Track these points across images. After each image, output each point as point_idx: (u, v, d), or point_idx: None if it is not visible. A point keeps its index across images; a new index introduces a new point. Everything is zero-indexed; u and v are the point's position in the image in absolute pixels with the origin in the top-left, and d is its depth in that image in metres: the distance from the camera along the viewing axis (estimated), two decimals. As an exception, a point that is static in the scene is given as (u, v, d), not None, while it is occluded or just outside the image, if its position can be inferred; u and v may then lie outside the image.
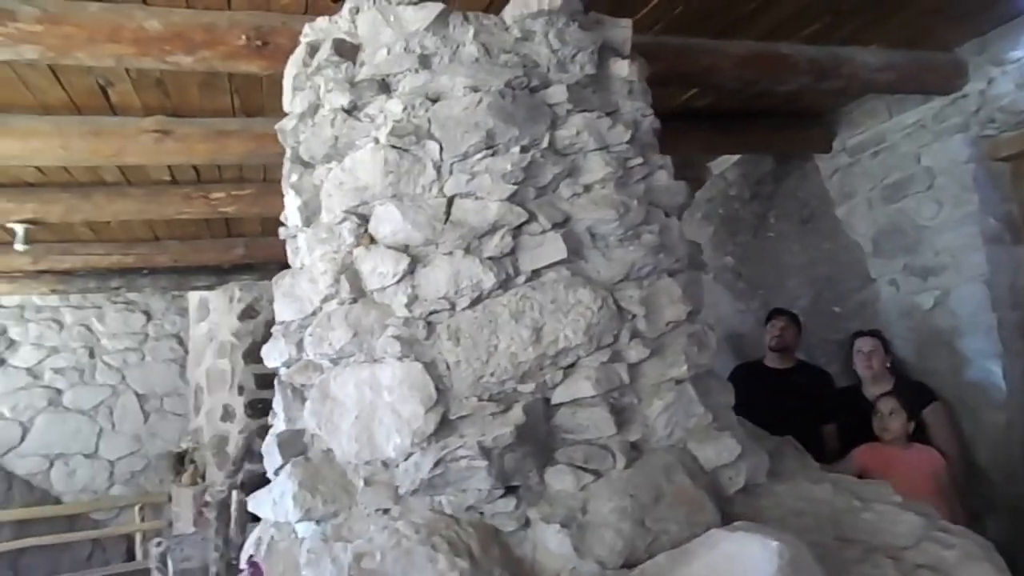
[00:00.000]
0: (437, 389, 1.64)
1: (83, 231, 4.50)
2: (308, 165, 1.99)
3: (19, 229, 3.79)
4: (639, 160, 1.98)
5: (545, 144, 1.84)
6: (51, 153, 2.93)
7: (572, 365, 1.74)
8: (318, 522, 1.66)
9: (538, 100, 1.86)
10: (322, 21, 2.02)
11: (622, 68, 2.05)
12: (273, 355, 1.94)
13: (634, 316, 1.82)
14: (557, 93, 1.88)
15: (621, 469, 1.69)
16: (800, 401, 3.54)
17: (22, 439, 5.45)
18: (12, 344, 5.48)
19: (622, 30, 2.11)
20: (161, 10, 2.22)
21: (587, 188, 1.89)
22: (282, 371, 1.91)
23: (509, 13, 1.93)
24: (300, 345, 1.84)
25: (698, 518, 1.65)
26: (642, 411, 1.79)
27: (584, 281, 1.77)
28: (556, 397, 1.72)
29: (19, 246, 3.86)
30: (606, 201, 1.85)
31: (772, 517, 1.80)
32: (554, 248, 1.76)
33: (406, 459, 1.60)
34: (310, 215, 1.94)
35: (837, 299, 4.02)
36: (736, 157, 4.64)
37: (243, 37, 2.26)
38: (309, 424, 1.76)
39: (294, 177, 1.99)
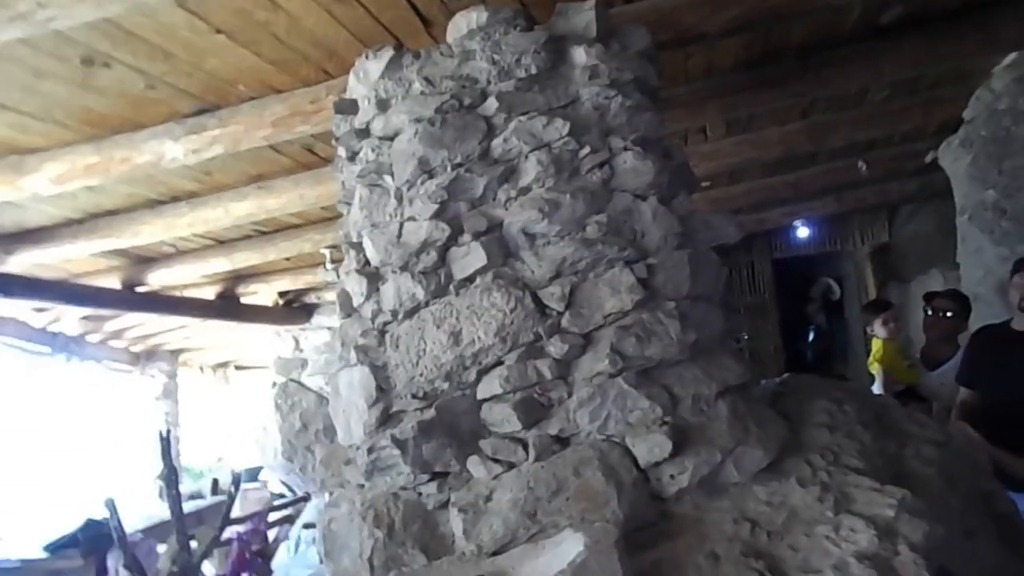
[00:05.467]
0: (381, 389, 1.97)
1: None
2: (348, 205, 2.45)
3: (327, 253, 5.08)
4: (587, 150, 1.95)
5: (477, 157, 1.98)
6: (294, 203, 3.97)
7: (497, 364, 1.87)
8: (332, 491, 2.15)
9: (472, 117, 2.00)
10: (352, 81, 2.45)
11: (580, 56, 2.02)
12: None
13: (558, 313, 1.85)
14: (490, 105, 1.99)
15: (531, 462, 1.77)
16: (1057, 372, 2.72)
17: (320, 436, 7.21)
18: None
19: (584, 15, 2.06)
20: (285, 94, 2.93)
21: (524, 190, 1.96)
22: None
23: (450, 38, 2.10)
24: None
25: (594, 514, 1.65)
26: (567, 405, 1.82)
27: (502, 284, 1.87)
28: (479, 393, 1.88)
29: (329, 265, 5.16)
30: (532, 202, 1.90)
31: (710, 521, 1.66)
32: (476, 256, 1.91)
33: (362, 446, 1.96)
34: (344, 249, 2.40)
35: None
36: (1010, 59, 3.57)
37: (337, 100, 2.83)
38: (331, 413, 2.24)
39: (344, 214, 2.48)
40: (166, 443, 1.86)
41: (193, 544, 4.48)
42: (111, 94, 2.82)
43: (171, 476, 1.85)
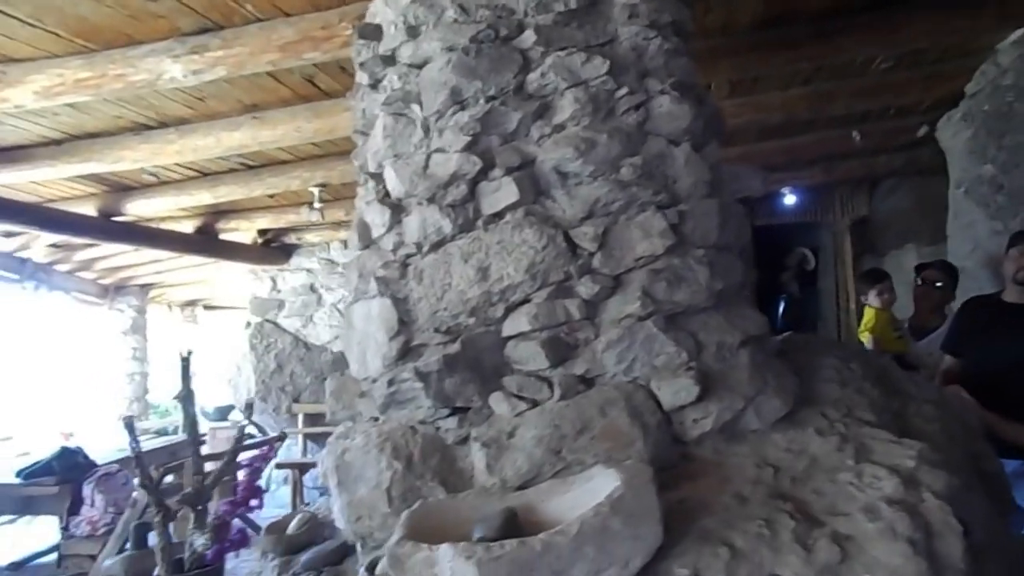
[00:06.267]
0: (402, 322, 1.94)
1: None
2: (364, 134, 2.38)
3: (315, 191, 4.97)
4: (624, 91, 1.92)
5: (512, 91, 1.93)
6: (290, 136, 3.85)
7: (525, 301, 1.86)
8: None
9: (507, 49, 1.94)
10: (377, 5, 2.35)
11: (621, -7, 1.97)
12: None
13: (590, 253, 1.83)
14: (528, 38, 1.93)
15: (556, 400, 1.77)
16: (1047, 344, 2.81)
17: (331, 367, 7.16)
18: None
19: (626, -49, 2.00)
20: (295, 19, 2.81)
21: (559, 128, 1.92)
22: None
23: (488, -33, 2.02)
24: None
25: (619, 454, 1.66)
26: (594, 346, 1.82)
27: (534, 221, 1.84)
28: (505, 330, 1.87)
29: (317, 204, 5.06)
30: (568, 140, 1.86)
31: (731, 465, 1.69)
32: (507, 192, 1.87)
33: (379, 378, 1.94)
34: (361, 179, 2.34)
35: None
36: (1018, 35, 3.59)
37: (350, 27, 2.72)
38: (343, 346, 2.21)
39: (358, 145, 2.41)
40: (186, 364, 1.82)
41: (169, 479, 4.45)
42: (109, 4, 2.67)
43: (188, 398, 1.81)
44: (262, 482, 5.48)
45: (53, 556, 4.36)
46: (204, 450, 5.99)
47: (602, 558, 1.32)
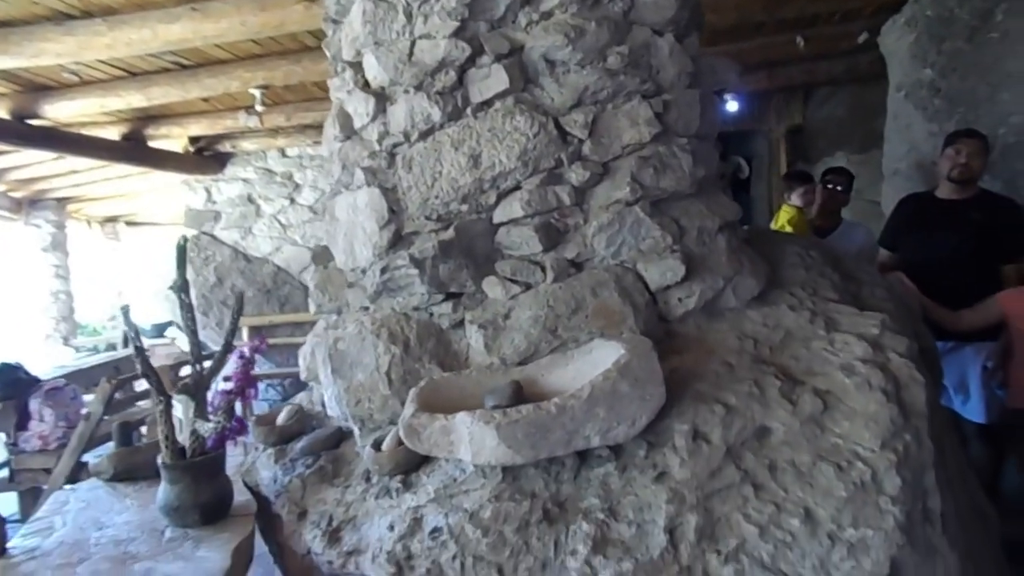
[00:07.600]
0: (392, 211, 1.94)
1: (315, 91, 5.37)
2: (336, 22, 2.29)
3: (256, 93, 4.74)
4: (612, -24, 1.91)
5: (499, -26, 1.89)
6: (235, 30, 3.62)
7: (515, 188, 1.89)
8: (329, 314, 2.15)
9: (494, -71, 1.89)
10: None
11: None
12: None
13: (580, 140, 1.87)
14: (516, -82, 1.88)
15: (549, 283, 1.84)
16: (976, 237, 3.05)
17: (311, 261, 7.00)
18: (297, 187, 6.91)
19: None
20: None
21: (546, 15, 1.90)
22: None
23: None
24: (333, 178, 2.25)
25: (613, 331, 1.76)
26: (584, 231, 1.88)
27: (525, 108, 1.85)
28: (496, 217, 1.90)
29: (258, 107, 4.84)
30: (557, 27, 1.86)
31: (713, 339, 1.82)
32: (497, 79, 1.87)
33: (370, 268, 1.96)
34: (337, 68, 2.27)
35: (1070, 111, 3.19)
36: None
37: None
38: (326, 239, 2.20)
39: (328, 34, 2.32)
40: (182, 252, 1.78)
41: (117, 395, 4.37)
42: None
43: (184, 287, 1.79)
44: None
45: (2, 472, 4.27)
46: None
47: (612, 417, 1.43)
